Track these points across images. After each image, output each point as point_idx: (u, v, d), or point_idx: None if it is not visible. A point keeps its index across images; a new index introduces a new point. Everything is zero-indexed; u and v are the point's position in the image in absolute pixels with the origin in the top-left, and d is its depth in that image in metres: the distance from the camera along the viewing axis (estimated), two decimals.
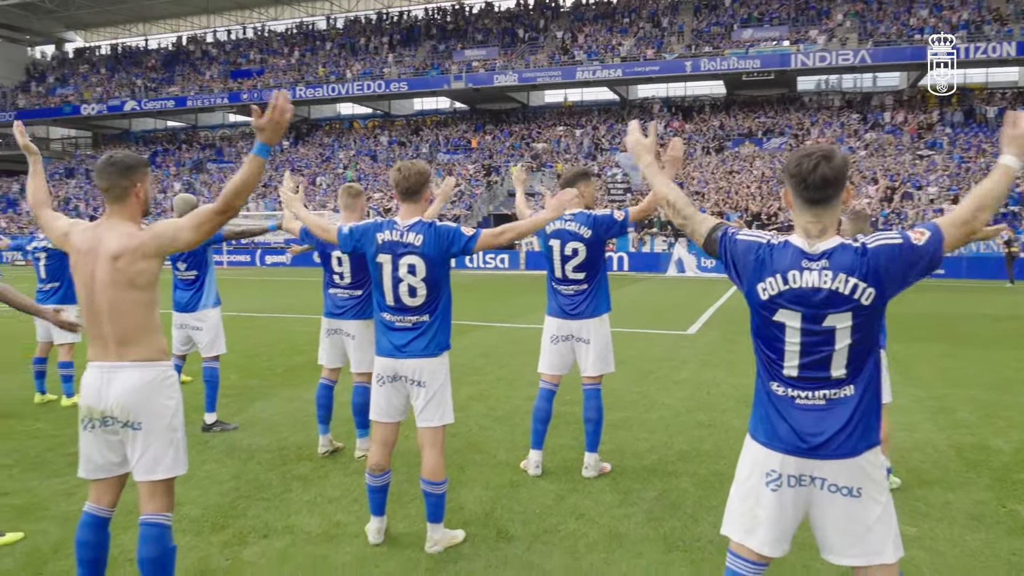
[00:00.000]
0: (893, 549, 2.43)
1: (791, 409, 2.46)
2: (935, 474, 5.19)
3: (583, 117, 49.42)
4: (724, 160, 39.94)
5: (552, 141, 46.62)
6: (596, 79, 45.08)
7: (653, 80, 46.47)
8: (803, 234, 2.46)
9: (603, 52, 45.83)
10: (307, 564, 3.75)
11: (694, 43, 45.03)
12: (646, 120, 46.44)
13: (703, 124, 45.17)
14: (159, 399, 2.95)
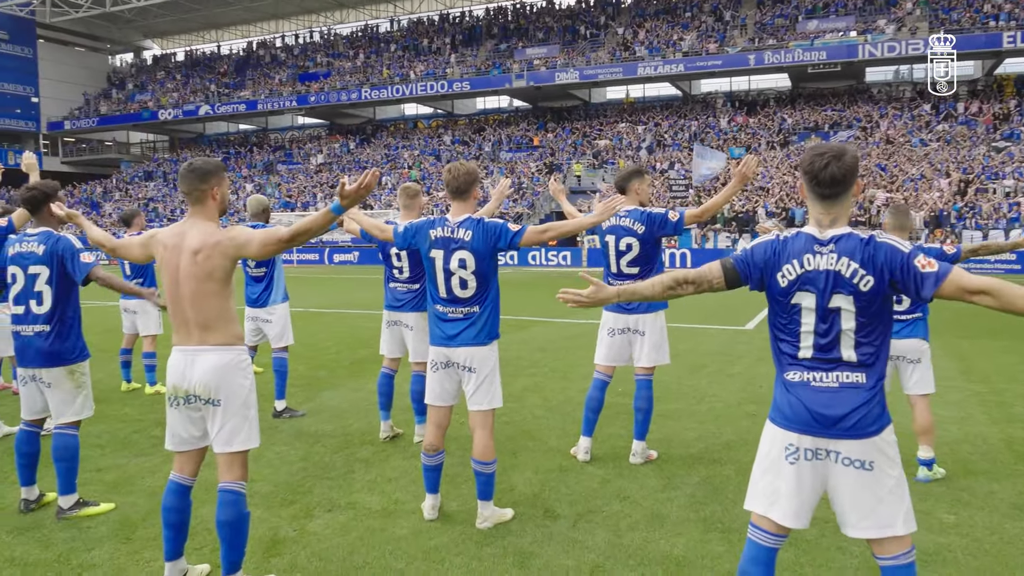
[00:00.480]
0: (904, 522, 2.59)
1: (806, 391, 2.64)
2: (982, 465, 5.23)
3: (645, 113, 49.16)
4: (789, 155, 39.26)
5: (614, 138, 46.55)
6: (658, 75, 44.83)
7: (716, 75, 45.97)
8: (815, 224, 2.65)
9: (664, 47, 45.52)
10: (367, 536, 4.07)
11: (757, 36, 44.38)
12: (710, 115, 46.00)
13: (767, 118, 44.43)
14: (236, 379, 3.29)
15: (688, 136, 44.72)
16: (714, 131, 44.33)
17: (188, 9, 55.24)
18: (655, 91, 52.34)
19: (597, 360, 5.44)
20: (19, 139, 58.50)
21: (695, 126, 45.66)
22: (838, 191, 2.58)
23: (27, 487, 4.47)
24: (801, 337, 2.65)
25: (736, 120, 44.92)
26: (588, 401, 5.39)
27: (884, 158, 36.32)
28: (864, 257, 2.53)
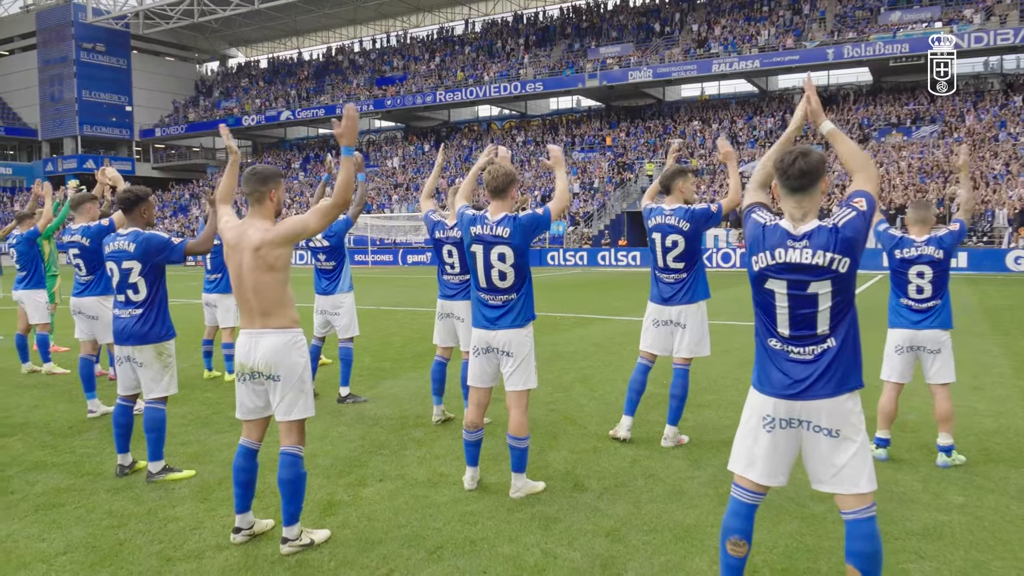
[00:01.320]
0: (867, 481, 2.90)
1: (784, 361, 2.97)
2: (1007, 455, 5.38)
3: (720, 110, 48.68)
4: (867, 150, 38.35)
5: (688, 136, 46.27)
6: (733, 71, 44.36)
7: (793, 70, 45.14)
8: (789, 218, 2.98)
9: (740, 43, 45.02)
10: (411, 501, 4.55)
11: (836, 29, 43.42)
12: (786, 111, 45.23)
13: (846, 113, 43.46)
14: (292, 357, 3.81)
15: (763, 133, 44.15)
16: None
17: (270, 17, 57.31)
18: (731, 88, 51.77)
19: (641, 347, 5.81)
20: (114, 146, 61.78)
21: (771, 123, 45.03)
22: (805, 183, 2.91)
23: (122, 454, 5.12)
24: (778, 317, 2.98)
25: None
26: (631, 383, 5.78)
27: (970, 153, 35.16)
28: (837, 244, 2.85)
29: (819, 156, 2.92)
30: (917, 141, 38.41)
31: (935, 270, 5.07)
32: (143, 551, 3.90)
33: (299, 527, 3.87)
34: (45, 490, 4.86)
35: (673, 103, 52.23)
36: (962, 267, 28.18)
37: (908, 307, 5.20)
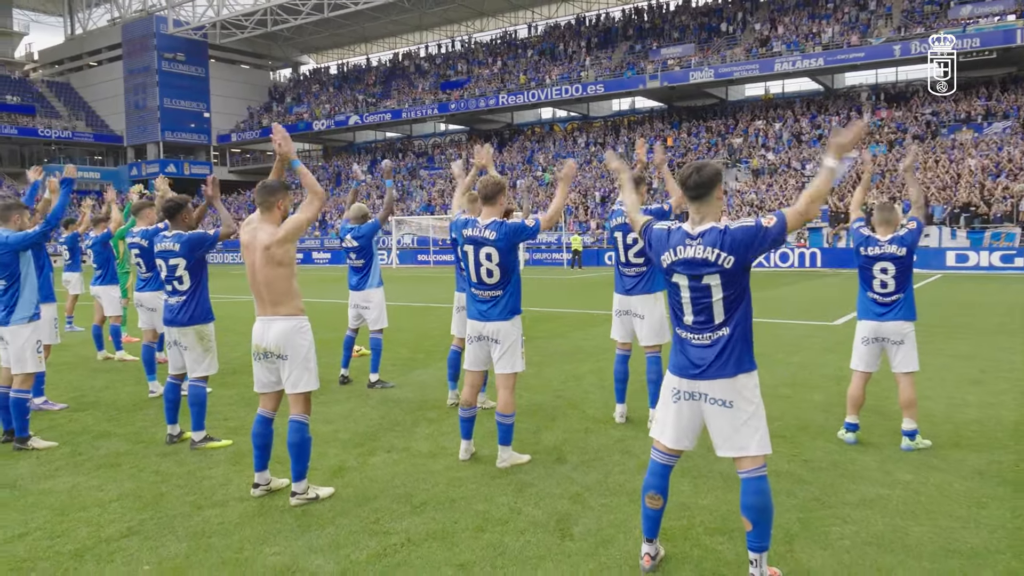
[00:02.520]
0: (757, 446, 3.40)
1: (688, 346, 3.50)
2: (975, 441, 5.71)
3: (784, 109, 48.15)
4: (934, 148, 37.48)
5: (751, 135, 45.96)
6: (796, 70, 43.90)
7: (858, 67, 44.42)
8: (691, 222, 3.50)
9: (804, 41, 44.50)
10: (410, 468, 5.20)
11: (904, 25, 42.53)
12: (852, 109, 44.46)
13: (914, 111, 42.49)
14: (298, 340, 4.50)
15: (828, 132, 43.53)
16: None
17: (339, 25, 59.14)
18: (796, 86, 51.08)
19: (611, 336, 6.37)
20: (193, 151, 64.58)
21: (835, 121, 44.36)
22: (701, 192, 3.42)
23: (171, 425, 5.92)
24: (683, 308, 3.51)
25: (879, 114, 43.26)
26: (615, 373, 6.34)
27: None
28: (724, 243, 3.35)
29: (712, 170, 3.44)
30: (988, 138, 37.35)
31: (897, 266, 5.47)
32: (178, 500, 4.65)
33: (306, 483, 4.56)
34: (107, 453, 5.69)
35: (736, 103, 51.86)
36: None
37: (873, 300, 5.60)
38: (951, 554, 3.76)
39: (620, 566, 3.67)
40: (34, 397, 6.95)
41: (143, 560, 3.82)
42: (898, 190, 33.94)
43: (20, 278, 5.94)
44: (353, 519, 4.30)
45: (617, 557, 3.76)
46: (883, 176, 35.85)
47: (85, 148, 64.00)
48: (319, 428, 6.29)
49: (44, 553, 3.92)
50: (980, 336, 11.07)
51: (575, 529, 4.12)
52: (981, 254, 29.09)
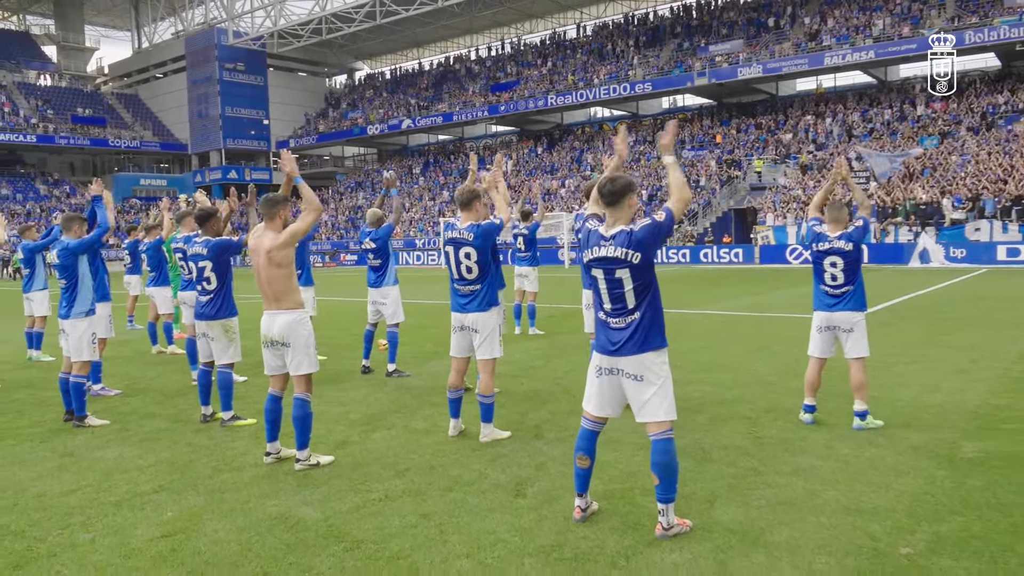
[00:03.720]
0: (664, 413, 4.01)
1: (607, 329, 4.14)
2: (927, 422, 6.16)
3: (835, 104, 47.64)
4: (988, 140, 36.74)
5: (801, 130, 45.63)
6: (845, 63, 43.47)
7: (910, 59, 43.68)
8: (606, 226, 4.12)
9: (854, 34, 43.99)
10: (404, 443, 5.93)
11: (958, 15, 41.72)
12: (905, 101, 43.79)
13: (969, 101, 41.63)
14: (298, 330, 5.26)
15: (879, 125, 43.01)
16: (910, 119, 42.31)
17: (391, 31, 60.47)
18: (848, 80, 50.50)
19: (585, 330, 7.02)
20: (253, 157, 66.80)
21: (888, 115, 43.78)
22: (613, 200, 4.05)
23: (204, 406, 6.78)
24: (602, 297, 4.15)
25: (932, 106, 42.52)
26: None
27: None
28: (631, 243, 3.98)
29: (624, 182, 4.06)
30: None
31: (846, 260, 5.97)
32: (203, 466, 5.47)
33: (308, 451, 5.33)
34: (150, 430, 6.58)
35: (786, 98, 51.47)
36: None
37: (825, 292, 6.11)
38: (849, 512, 4.30)
39: (556, 517, 4.33)
40: (93, 384, 7.94)
41: (167, 508, 4.62)
42: (948, 184, 33.47)
43: (78, 279, 6.90)
44: (344, 481, 5.05)
45: (557, 511, 4.42)
46: (934, 170, 35.37)
47: (152, 156, 66.79)
48: (333, 410, 7.10)
49: (91, 503, 4.76)
50: (988, 328, 11.31)
51: (529, 490, 4.79)
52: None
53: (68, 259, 6.88)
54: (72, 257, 6.89)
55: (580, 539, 4.03)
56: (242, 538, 4.15)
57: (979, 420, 6.21)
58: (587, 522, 4.26)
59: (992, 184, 31.94)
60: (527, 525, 4.23)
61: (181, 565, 3.84)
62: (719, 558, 3.75)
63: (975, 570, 3.56)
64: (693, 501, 4.54)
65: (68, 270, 6.87)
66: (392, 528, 4.23)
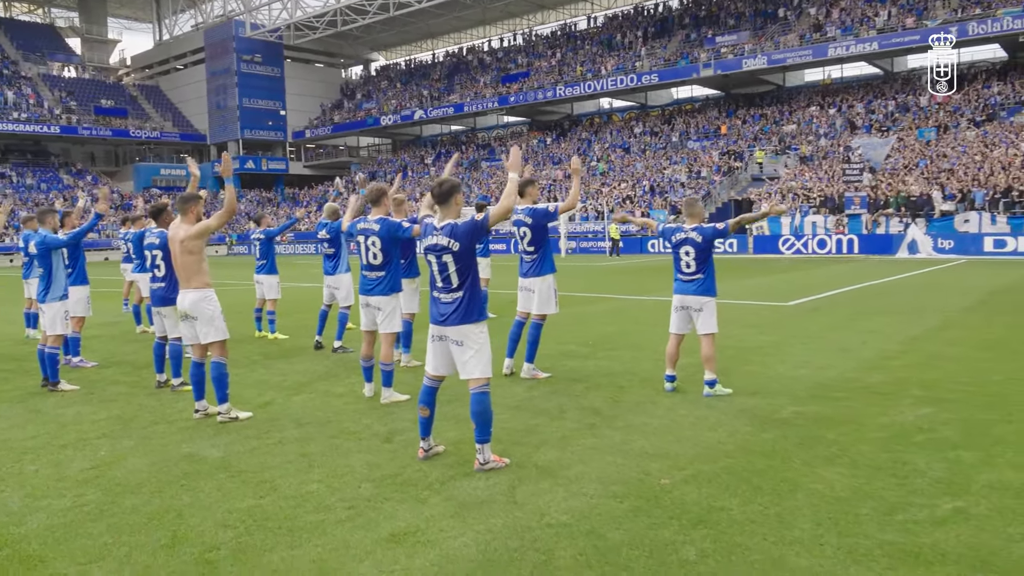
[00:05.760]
0: (480, 371, 5.02)
1: (439, 303, 5.14)
2: (773, 391, 7.09)
3: (840, 94, 48.01)
4: (988, 132, 37.06)
5: (804, 122, 46.09)
6: (850, 55, 43.86)
7: (914, 50, 43.97)
8: (437, 219, 5.12)
9: (858, 25, 44.32)
10: (320, 403, 7.00)
11: (962, 5, 41.91)
12: (909, 93, 44.07)
13: (971, 94, 41.86)
14: (204, 305, 6.31)
15: (882, 116, 43.39)
16: (912, 111, 42.66)
17: (405, 23, 61.49)
18: (855, 71, 50.76)
19: (518, 307, 7.99)
20: (270, 147, 68.20)
21: (892, 106, 44.13)
22: (442, 200, 5.05)
23: (159, 374, 7.88)
24: (435, 275, 5.15)
25: (936, 97, 42.77)
26: (509, 334, 7.98)
27: None
28: (454, 234, 4.98)
29: (450, 184, 5.06)
30: None
31: (696, 250, 6.92)
32: (144, 419, 6.59)
33: (228, 405, 6.38)
34: (111, 394, 7.69)
35: (792, 88, 51.83)
36: None
37: (680, 278, 7.07)
38: (644, 455, 5.28)
39: (406, 457, 5.37)
40: (72, 357, 9.09)
41: (102, 449, 5.73)
42: (941, 175, 33.93)
43: (52, 268, 8.00)
44: (252, 431, 6.13)
45: (411, 452, 5.45)
46: (930, 161, 35.82)
47: (172, 147, 68.41)
48: (273, 378, 8.20)
49: (43, 446, 5.88)
50: (902, 314, 12.16)
51: (398, 439, 5.84)
52: (1020, 240, 29.00)
53: (44, 251, 7.95)
54: (46, 250, 7.95)
55: (415, 471, 5.07)
56: (152, 469, 5.23)
57: (818, 390, 7.13)
58: (429, 460, 5.29)
59: (984, 176, 32.37)
60: (379, 461, 5.28)
61: (98, 486, 4.92)
62: (512, 484, 4.76)
63: (707, 493, 4.54)
64: (525, 447, 5.55)
65: (44, 259, 7.96)
66: (273, 463, 5.30)
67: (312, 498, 4.61)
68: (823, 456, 5.17)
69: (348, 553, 3.85)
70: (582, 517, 4.21)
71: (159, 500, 4.65)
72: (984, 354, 8.72)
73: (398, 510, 4.39)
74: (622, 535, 3.97)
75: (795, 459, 5.12)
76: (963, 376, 7.57)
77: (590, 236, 40.56)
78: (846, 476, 4.77)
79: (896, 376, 7.63)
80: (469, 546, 3.89)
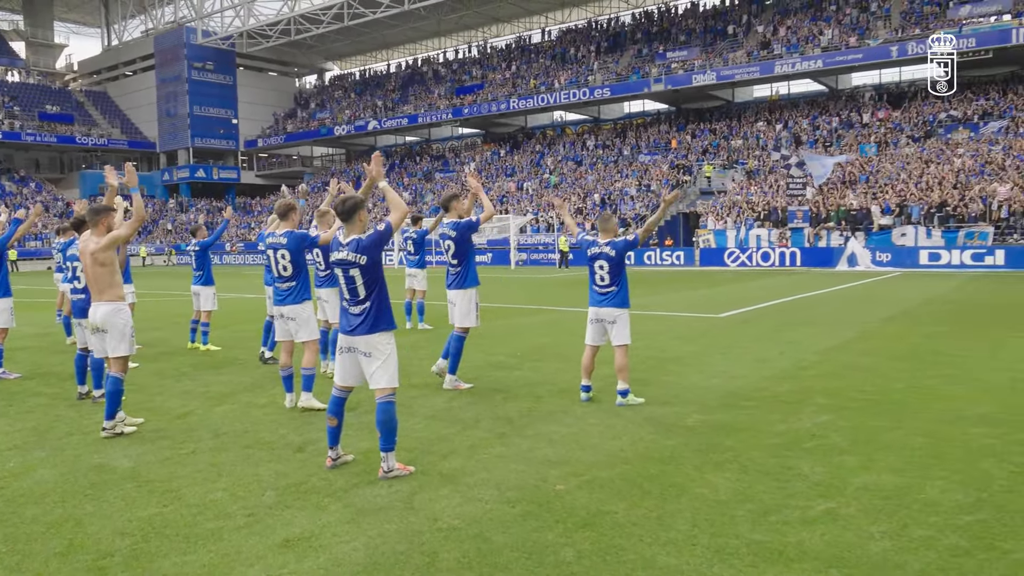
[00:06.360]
0: (386, 382, 5.16)
1: (347, 314, 5.29)
2: (685, 400, 7.35)
3: (786, 111, 49.18)
4: (925, 149, 38.30)
5: (751, 137, 47.10)
6: (795, 72, 45.02)
7: (857, 68, 45.40)
8: (344, 234, 5.28)
9: (803, 43, 45.52)
10: (240, 413, 7.07)
11: (903, 26, 43.33)
12: (853, 110, 45.33)
13: (914, 111, 43.23)
14: (115, 318, 6.32)
15: (826, 133, 44.54)
16: (855, 127, 43.87)
17: (360, 32, 61.43)
18: (802, 87, 52.04)
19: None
20: (222, 156, 67.51)
21: (835, 122, 45.32)
22: (346, 216, 5.21)
23: (80, 386, 7.87)
24: (343, 287, 5.30)
25: (877, 115, 44.12)
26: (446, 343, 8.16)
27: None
28: (359, 248, 5.13)
29: (354, 202, 5.22)
30: (982, 138, 38.00)
31: (610, 264, 7.16)
32: (59, 431, 6.59)
33: (117, 419, 6.35)
34: (31, 405, 7.66)
35: (741, 104, 52.93)
36: (999, 264, 28.53)
37: (595, 290, 7.30)
38: (546, 463, 5.47)
39: (315, 466, 5.48)
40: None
41: (11, 460, 5.74)
42: (880, 190, 34.98)
43: None
44: (169, 441, 6.18)
45: (319, 461, 5.57)
46: (869, 178, 36.89)
47: (120, 154, 67.11)
48: (196, 389, 8.24)
49: None
50: (822, 325, 12.61)
51: (310, 448, 5.95)
52: (953, 252, 30.03)
53: None
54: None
55: (320, 480, 5.19)
56: (60, 479, 5.27)
57: (728, 398, 7.41)
58: (336, 469, 5.41)
59: (921, 191, 33.45)
60: (288, 471, 5.39)
61: (2, 497, 4.95)
62: (413, 491, 4.91)
63: (597, 498, 4.74)
64: (433, 455, 5.70)
65: None
66: (182, 472, 5.37)
67: (214, 506, 4.71)
68: (715, 462, 5.41)
69: (239, 558, 3.96)
70: (472, 521, 4.38)
71: (61, 510, 4.71)
72: (893, 364, 9.12)
73: (296, 517, 4.51)
74: (507, 538, 4.15)
75: (688, 465, 5.36)
76: (868, 385, 7.92)
77: (540, 248, 40.91)
78: (732, 480, 5.01)
79: (804, 385, 7.96)
80: (358, 550, 4.03)
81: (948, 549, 3.94)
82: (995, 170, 33.64)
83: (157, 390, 8.25)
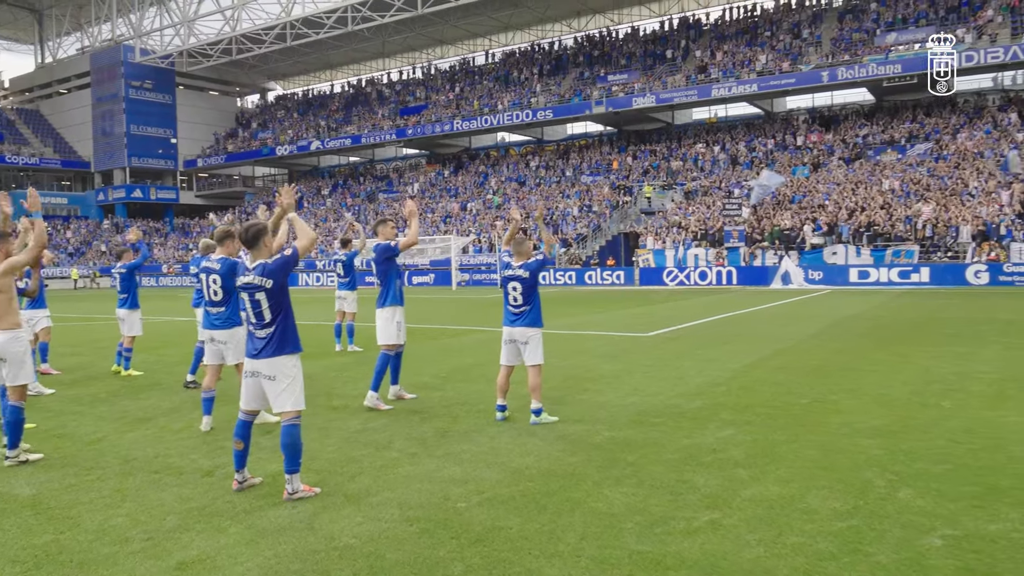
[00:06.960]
0: (292, 405, 5.25)
1: (253, 338, 5.36)
2: (599, 419, 7.55)
3: (724, 133, 50.44)
4: (854, 170, 39.68)
5: (690, 158, 48.15)
6: (732, 95, 46.20)
7: (790, 92, 46.89)
8: (250, 259, 5.36)
9: (739, 68, 46.83)
10: (153, 438, 7.04)
11: (833, 52, 44.91)
12: (787, 132, 46.70)
13: (845, 133, 44.75)
14: (14, 346, 6.25)
15: (762, 155, 45.80)
16: (790, 149, 45.22)
17: (303, 53, 61.24)
18: (740, 110, 53.42)
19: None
20: (160, 176, 66.35)
21: (770, 144, 46.64)
22: (250, 244, 5.30)
23: None
24: (249, 311, 5.37)
25: (810, 138, 45.57)
26: (376, 366, 8.24)
27: (949, 170, 36.31)
28: (265, 272, 5.22)
29: (257, 228, 5.31)
30: (908, 160, 39.51)
31: (523, 285, 7.34)
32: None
33: (19, 450, 6.28)
34: None
35: (681, 126, 54.12)
36: (924, 281, 29.57)
37: (508, 311, 7.47)
38: (452, 482, 5.58)
39: (222, 489, 5.51)
40: None
41: None
42: (813, 211, 36.08)
43: None
44: (76, 468, 6.14)
45: (226, 484, 5.60)
46: (804, 197, 38.03)
47: (53, 174, 65.76)
48: (112, 414, 8.16)
49: None
50: (743, 343, 13.01)
51: (219, 471, 5.97)
52: (882, 270, 31.07)
53: None
54: None
55: (225, 502, 5.23)
56: None
57: (639, 416, 7.63)
58: (242, 492, 5.45)
59: (849, 211, 34.60)
60: (193, 495, 5.42)
61: None
62: (315, 512, 4.99)
63: (494, 514, 4.88)
64: (341, 476, 5.78)
65: None
66: (85, 499, 5.36)
67: (113, 531, 4.72)
68: (615, 477, 5.61)
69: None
70: (368, 540, 4.48)
71: None
72: (803, 379, 9.48)
73: (195, 540, 4.55)
74: (400, 555, 4.26)
75: (588, 481, 5.54)
76: (776, 400, 8.24)
77: (483, 268, 41.11)
78: (627, 495, 5.20)
79: (715, 401, 8.23)
80: (252, 571, 4.10)
81: (816, 554, 4.18)
82: (920, 190, 35.01)
83: (72, 416, 8.16)
